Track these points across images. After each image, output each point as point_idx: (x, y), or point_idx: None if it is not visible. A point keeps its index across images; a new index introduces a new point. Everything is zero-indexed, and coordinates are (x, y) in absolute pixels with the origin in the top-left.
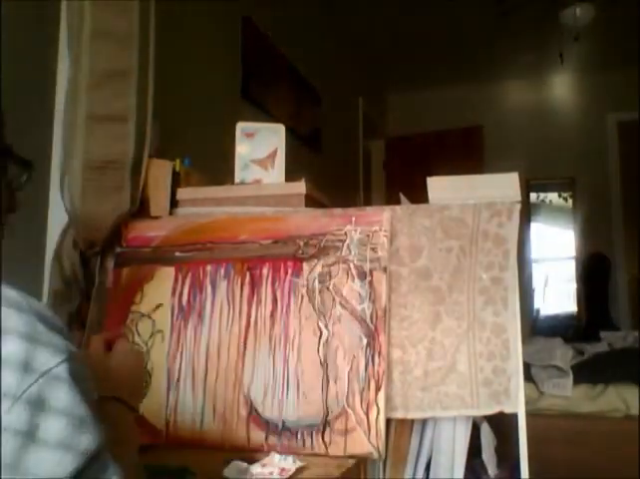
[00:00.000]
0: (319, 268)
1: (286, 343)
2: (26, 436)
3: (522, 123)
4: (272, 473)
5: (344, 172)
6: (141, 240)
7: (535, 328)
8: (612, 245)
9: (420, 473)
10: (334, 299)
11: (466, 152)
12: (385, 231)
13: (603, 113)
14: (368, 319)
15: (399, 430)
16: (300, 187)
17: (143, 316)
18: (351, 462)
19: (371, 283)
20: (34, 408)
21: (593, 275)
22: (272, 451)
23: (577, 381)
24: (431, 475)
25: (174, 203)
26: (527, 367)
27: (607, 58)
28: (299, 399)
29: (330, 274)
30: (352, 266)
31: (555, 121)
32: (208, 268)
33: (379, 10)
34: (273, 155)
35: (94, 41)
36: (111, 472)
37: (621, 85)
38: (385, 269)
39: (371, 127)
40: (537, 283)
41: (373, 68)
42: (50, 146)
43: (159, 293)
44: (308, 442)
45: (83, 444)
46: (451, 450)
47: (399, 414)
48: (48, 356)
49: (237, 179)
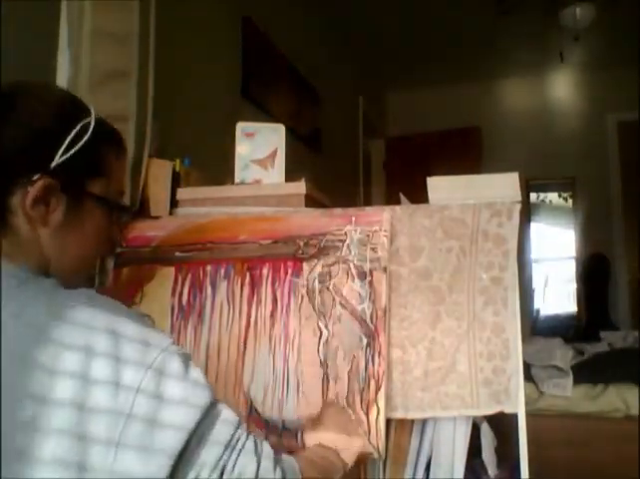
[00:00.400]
0: (319, 268)
1: (286, 343)
2: (157, 397)
3: (523, 123)
4: None
5: (344, 172)
6: (141, 240)
7: (535, 328)
8: (612, 246)
9: (420, 473)
10: (334, 299)
11: (466, 152)
12: (385, 231)
13: (603, 113)
14: (368, 319)
15: (399, 430)
16: (300, 187)
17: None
18: None
19: (371, 283)
20: (160, 375)
21: (593, 276)
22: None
23: (577, 381)
24: (431, 475)
25: (174, 203)
26: (527, 367)
27: (607, 58)
28: (299, 399)
29: (330, 274)
30: (352, 266)
31: (555, 121)
32: (208, 268)
33: (379, 10)
34: (273, 155)
35: (94, 41)
36: (223, 414)
37: (621, 85)
38: (385, 269)
39: (371, 127)
40: (537, 283)
41: (373, 68)
42: None
43: (159, 293)
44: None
45: (200, 400)
46: (451, 450)
47: (399, 414)
48: (160, 337)
49: (237, 179)
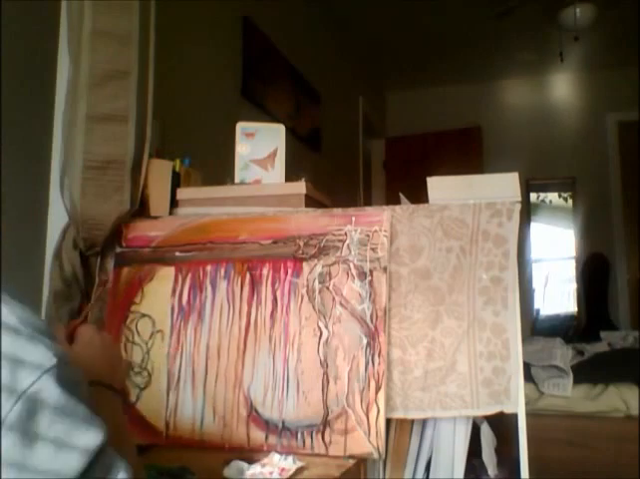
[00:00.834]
0: (319, 268)
1: (286, 343)
2: (28, 435)
3: (522, 123)
4: (272, 473)
5: (344, 172)
6: (141, 240)
7: (535, 328)
8: (612, 245)
9: (420, 473)
10: (334, 299)
11: (465, 152)
12: (385, 231)
13: (603, 113)
14: (368, 319)
15: (399, 430)
16: (300, 187)
17: (143, 316)
18: (351, 462)
19: (371, 283)
20: (34, 406)
21: (593, 275)
22: (272, 451)
23: (577, 381)
24: (431, 475)
25: (174, 203)
26: (527, 367)
27: (607, 58)
28: (299, 399)
29: (330, 274)
30: (352, 266)
31: (555, 121)
32: (208, 268)
33: (379, 10)
34: (273, 155)
35: (94, 41)
36: (116, 471)
37: (621, 85)
38: (385, 269)
39: (371, 127)
40: (537, 283)
41: (373, 68)
42: (50, 146)
43: (159, 293)
44: (308, 442)
45: (86, 441)
46: (451, 450)
47: (399, 414)
48: (42, 354)
49: (237, 179)
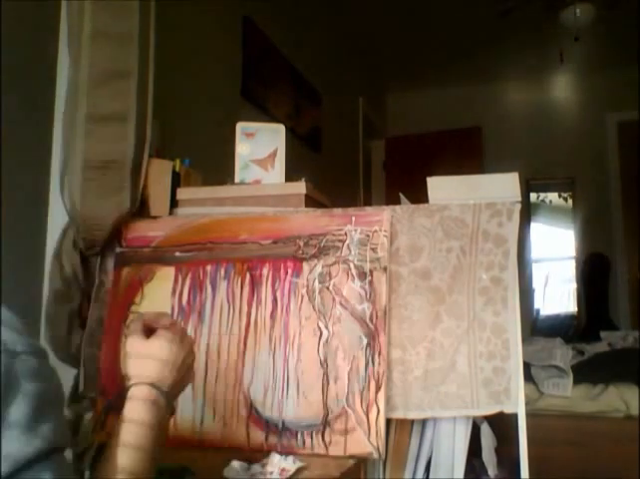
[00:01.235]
0: (319, 268)
1: (286, 343)
2: None
3: (522, 123)
4: (272, 473)
5: (344, 172)
6: (141, 241)
7: (535, 328)
8: (612, 245)
9: (420, 473)
10: (334, 299)
11: (465, 152)
12: (385, 231)
13: (603, 113)
14: (368, 319)
15: (399, 430)
16: (300, 187)
17: None
18: (351, 462)
19: (371, 283)
20: None
21: (593, 275)
22: (272, 451)
23: (577, 381)
24: (431, 475)
25: (174, 203)
26: (527, 367)
27: (607, 58)
28: (299, 399)
29: (330, 274)
30: (352, 266)
31: (555, 121)
32: (208, 268)
33: (379, 10)
34: (273, 155)
35: (94, 41)
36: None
37: (621, 85)
38: (385, 270)
39: (371, 127)
40: (537, 283)
41: (373, 68)
42: (50, 146)
43: (159, 293)
44: (308, 442)
45: (18, 449)
46: (451, 450)
47: (399, 414)
48: None
49: (237, 179)
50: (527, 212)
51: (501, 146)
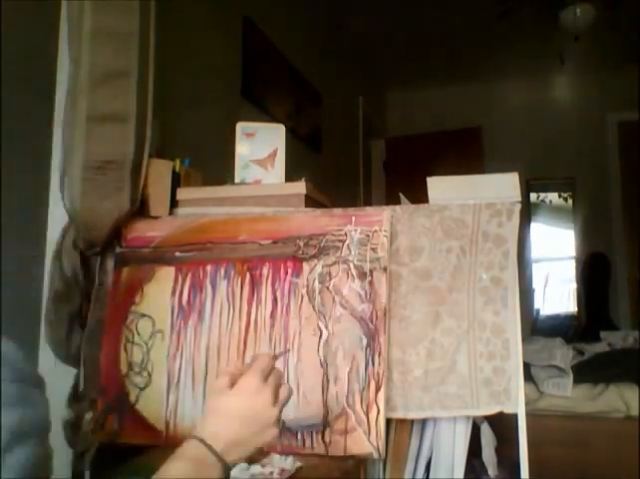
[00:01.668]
0: (319, 269)
1: (286, 343)
2: None
3: (522, 123)
4: (272, 473)
5: (344, 172)
6: (141, 241)
7: (535, 328)
8: (612, 245)
9: (420, 473)
10: (334, 299)
11: (465, 152)
12: (385, 231)
13: (603, 113)
14: (368, 320)
15: (399, 430)
16: (300, 187)
17: (143, 316)
18: (351, 462)
19: (371, 284)
20: None
21: (593, 275)
22: (272, 451)
23: (577, 381)
24: (431, 475)
25: (174, 203)
26: (527, 367)
27: (607, 58)
28: (299, 399)
29: (330, 274)
30: (352, 267)
31: (555, 121)
32: (208, 268)
33: (379, 10)
34: (273, 155)
35: (94, 41)
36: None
37: (621, 85)
38: (385, 270)
39: (371, 127)
40: (537, 283)
41: (373, 68)
42: (50, 146)
43: (158, 293)
44: (308, 442)
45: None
46: (451, 450)
47: (399, 414)
48: None
49: (237, 179)
50: (527, 212)
51: (501, 146)
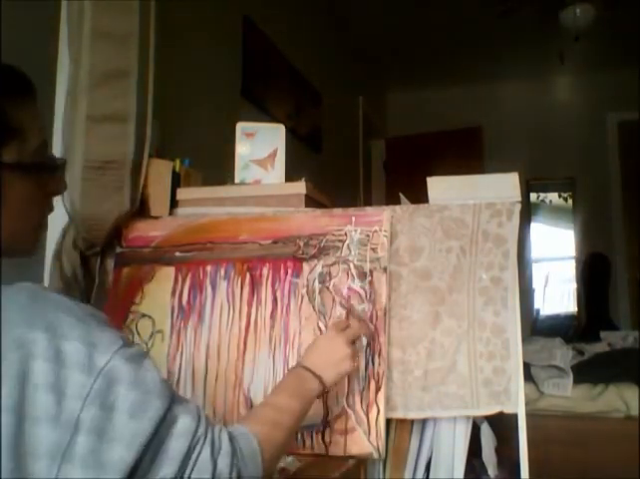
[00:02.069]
0: (319, 269)
1: (286, 343)
2: (106, 407)
3: (522, 123)
4: None
5: (344, 172)
6: (141, 240)
7: (535, 328)
8: (612, 245)
9: (420, 473)
10: (334, 299)
11: (466, 152)
12: (385, 231)
13: (603, 113)
14: (368, 320)
15: (399, 430)
16: (300, 187)
17: (143, 316)
18: (351, 462)
19: (371, 284)
20: (109, 382)
21: (593, 275)
22: None
23: (577, 381)
24: (431, 475)
25: (174, 203)
26: (527, 367)
27: (607, 58)
28: None
29: (330, 274)
30: (352, 267)
31: (555, 121)
32: (208, 268)
33: (379, 10)
34: (273, 155)
35: (94, 41)
36: (180, 422)
37: (621, 85)
38: (385, 270)
39: (371, 127)
40: (537, 283)
41: (373, 68)
42: (50, 146)
43: (159, 293)
44: (308, 442)
45: (153, 411)
46: (451, 450)
47: (399, 414)
48: (110, 339)
49: (237, 179)
50: (527, 212)
51: (502, 146)
